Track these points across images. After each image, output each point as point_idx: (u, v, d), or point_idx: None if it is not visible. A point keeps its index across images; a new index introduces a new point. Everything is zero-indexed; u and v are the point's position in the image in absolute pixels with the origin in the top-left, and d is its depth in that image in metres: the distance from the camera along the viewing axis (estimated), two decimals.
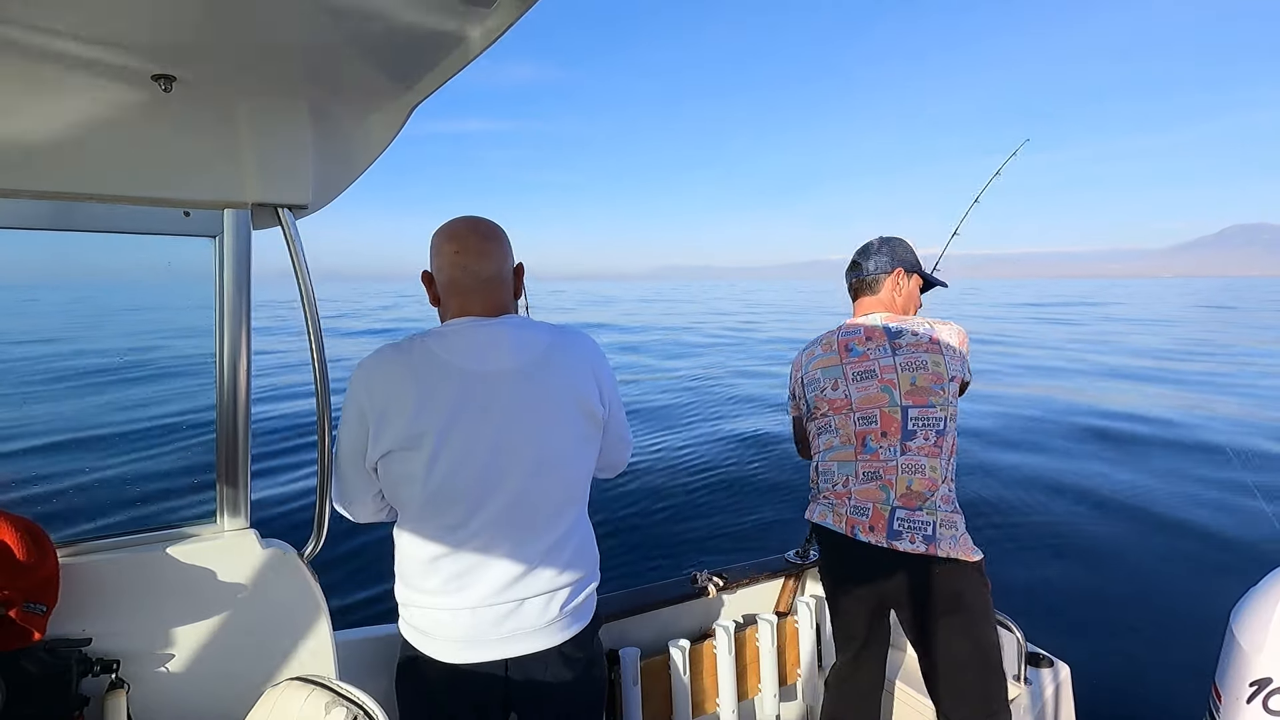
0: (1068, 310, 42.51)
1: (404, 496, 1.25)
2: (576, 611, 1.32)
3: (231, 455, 1.41)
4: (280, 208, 1.33)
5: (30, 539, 1.18)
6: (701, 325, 30.93)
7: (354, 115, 1.31)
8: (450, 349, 1.22)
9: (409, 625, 1.33)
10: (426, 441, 1.18)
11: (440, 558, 1.24)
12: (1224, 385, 11.93)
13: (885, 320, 1.86)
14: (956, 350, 1.80)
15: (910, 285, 1.93)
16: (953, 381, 1.78)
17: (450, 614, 1.25)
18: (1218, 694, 2.16)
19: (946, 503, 1.74)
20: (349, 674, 1.48)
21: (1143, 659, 3.58)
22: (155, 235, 1.29)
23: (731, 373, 14.52)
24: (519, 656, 1.27)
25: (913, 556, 1.71)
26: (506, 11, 0.89)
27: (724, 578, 2.18)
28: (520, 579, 1.24)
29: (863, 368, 1.83)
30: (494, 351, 1.22)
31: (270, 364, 13.38)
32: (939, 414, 1.76)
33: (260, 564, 1.43)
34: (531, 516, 1.25)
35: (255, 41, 0.98)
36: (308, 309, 1.37)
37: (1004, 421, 9.14)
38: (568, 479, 1.29)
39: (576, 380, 1.27)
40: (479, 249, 1.26)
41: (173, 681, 1.36)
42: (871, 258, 1.92)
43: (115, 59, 1.02)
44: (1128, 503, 5.95)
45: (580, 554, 1.33)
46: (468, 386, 1.20)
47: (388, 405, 1.19)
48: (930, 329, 1.82)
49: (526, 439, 1.22)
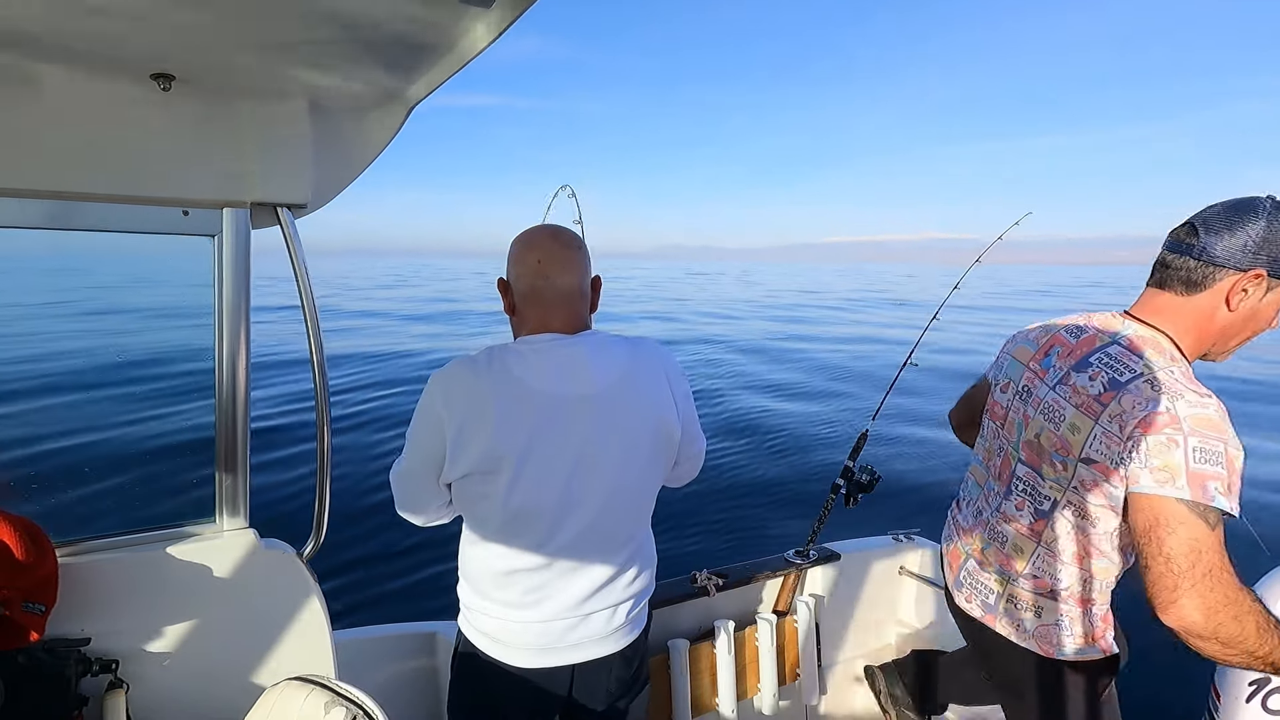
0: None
1: (480, 513, 1.26)
2: (637, 619, 1.37)
3: (231, 454, 1.41)
4: (279, 207, 1.33)
5: (29, 538, 1.18)
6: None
7: (353, 114, 1.31)
8: (530, 370, 1.18)
9: (474, 628, 1.33)
10: (506, 465, 1.16)
11: (515, 573, 1.25)
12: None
13: (1116, 337, 1.27)
14: (1138, 435, 1.13)
15: (1263, 301, 1.20)
16: (1088, 465, 1.22)
17: (522, 625, 1.27)
18: (1217, 694, 2.17)
19: (1038, 588, 1.37)
20: (348, 674, 1.48)
21: (1142, 658, 3.58)
22: (154, 235, 1.29)
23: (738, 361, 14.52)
24: (584, 662, 1.30)
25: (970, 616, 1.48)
26: (505, 11, 0.89)
27: (724, 577, 2.18)
28: (592, 595, 1.27)
29: (1032, 385, 1.38)
30: (574, 374, 1.19)
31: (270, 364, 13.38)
32: (1047, 491, 1.31)
33: (259, 564, 1.43)
34: (606, 539, 1.27)
35: (254, 41, 0.98)
36: (307, 309, 1.37)
37: None
38: (641, 502, 1.31)
39: (656, 400, 1.26)
40: (562, 259, 1.22)
41: (172, 681, 1.36)
42: (1222, 235, 1.17)
43: (115, 58, 1.02)
44: None
45: (645, 567, 1.37)
46: (547, 410, 1.17)
47: (465, 423, 1.16)
48: (1137, 381, 1.17)
49: (605, 464, 1.21)
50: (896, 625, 2.46)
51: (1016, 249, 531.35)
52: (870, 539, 2.53)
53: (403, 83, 1.17)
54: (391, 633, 1.81)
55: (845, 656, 2.37)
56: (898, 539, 2.52)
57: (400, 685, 1.77)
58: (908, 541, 2.51)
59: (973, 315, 29.91)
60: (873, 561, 2.43)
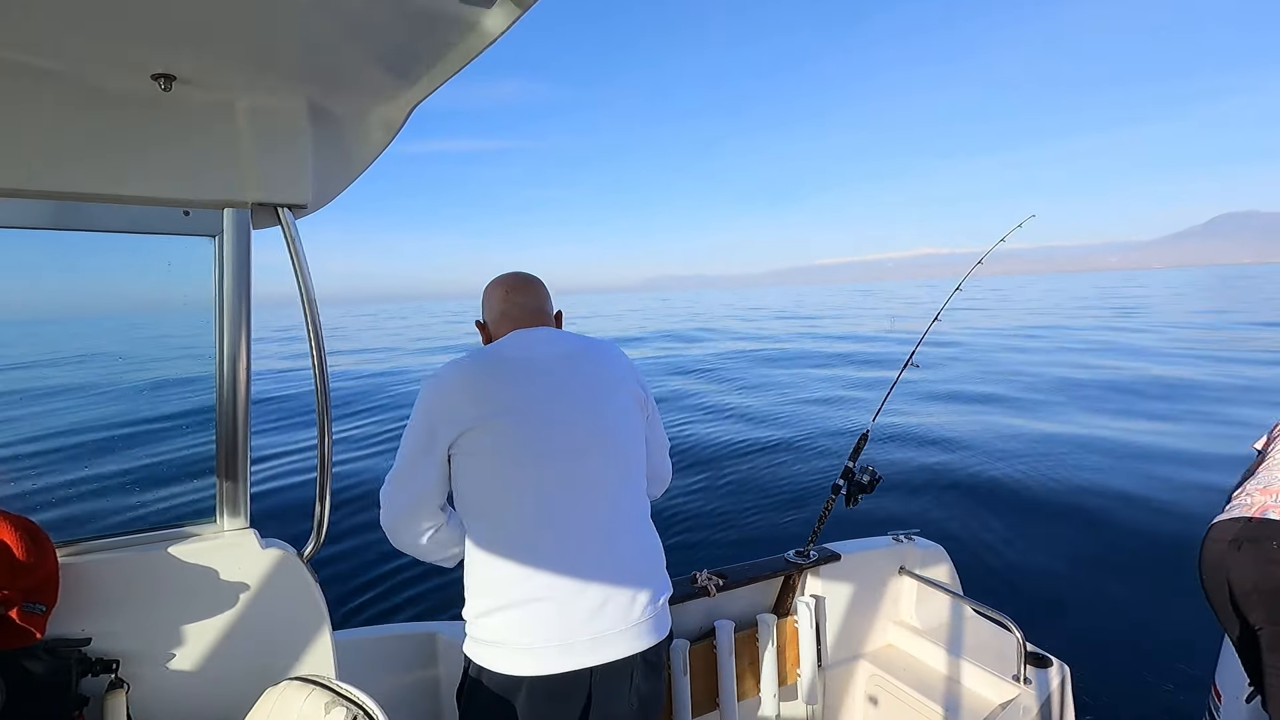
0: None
1: (483, 485, 1.27)
2: (657, 620, 1.33)
3: (231, 455, 1.41)
4: (280, 207, 1.33)
5: (30, 539, 1.18)
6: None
7: (354, 114, 1.31)
8: (508, 347, 1.37)
9: (482, 643, 1.27)
10: (500, 412, 1.27)
11: (519, 545, 1.25)
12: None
13: None
14: None
15: None
16: None
17: (536, 622, 1.22)
18: (1217, 693, 2.17)
19: None
20: (349, 674, 1.48)
21: (1143, 658, 3.57)
22: (155, 235, 1.29)
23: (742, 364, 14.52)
24: (604, 665, 1.24)
25: None
26: (506, 11, 0.89)
27: (724, 577, 2.18)
28: (602, 564, 1.26)
29: None
30: (543, 343, 1.38)
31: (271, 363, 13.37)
32: None
33: (260, 564, 1.43)
34: (600, 487, 1.30)
35: (254, 41, 0.98)
36: (308, 309, 1.37)
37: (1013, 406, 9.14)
38: (627, 451, 1.37)
39: (617, 367, 1.41)
40: (526, 287, 1.47)
41: (172, 681, 1.36)
42: None
43: (115, 58, 1.02)
44: (1129, 502, 5.95)
45: (654, 560, 1.37)
46: (526, 367, 1.33)
47: (460, 399, 1.28)
48: None
49: (586, 403, 1.33)
50: (897, 625, 2.46)
51: (1005, 260, 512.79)
52: (870, 539, 2.53)
53: (403, 83, 1.17)
54: (392, 633, 1.81)
55: (846, 657, 2.37)
56: (898, 539, 2.52)
57: (401, 685, 1.77)
58: (908, 542, 2.51)
59: (973, 316, 29.91)
60: (873, 562, 2.43)
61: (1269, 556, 1.65)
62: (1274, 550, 1.64)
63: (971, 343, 18.65)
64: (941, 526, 5.36)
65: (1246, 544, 1.69)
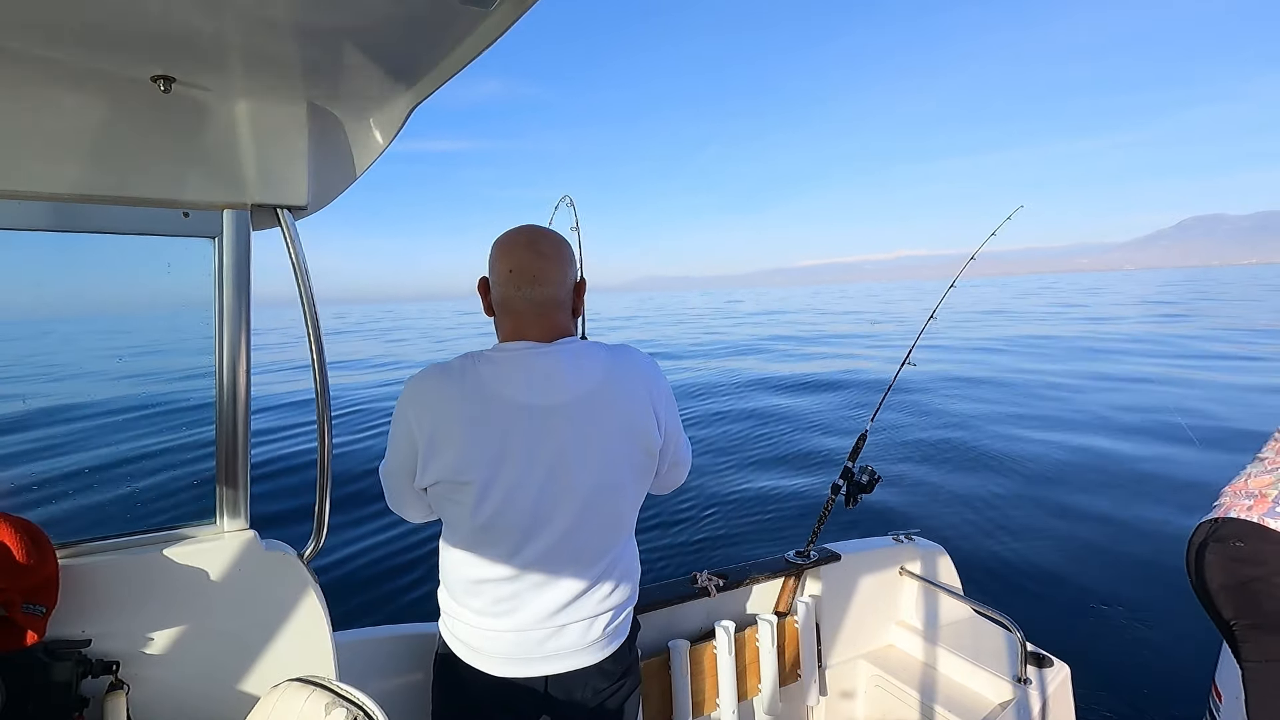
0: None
1: (452, 518, 1.26)
2: (616, 631, 1.35)
3: (231, 456, 1.41)
4: (280, 208, 1.33)
5: (30, 540, 1.18)
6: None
7: (353, 116, 1.31)
8: (502, 379, 1.16)
9: (451, 633, 1.34)
10: (476, 477, 1.15)
11: (486, 582, 1.24)
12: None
13: None
14: None
15: None
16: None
17: (494, 634, 1.27)
18: (1217, 693, 2.16)
19: None
20: (349, 674, 1.48)
21: (1143, 658, 3.58)
22: (154, 236, 1.29)
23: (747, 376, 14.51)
24: (559, 674, 1.29)
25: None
26: (505, 12, 0.89)
27: (724, 578, 2.18)
28: (565, 607, 1.26)
29: None
30: (548, 383, 1.16)
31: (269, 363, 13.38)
32: None
33: (260, 565, 1.43)
34: (580, 552, 1.25)
35: (254, 42, 0.98)
36: (307, 309, 1.37)
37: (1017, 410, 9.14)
38: (618, 513, 1.27)
39: (634, 410, 1.22)
40: (535, 270, 1.18)
41: (172, 682, 1.36)
42: None
43: (114, 59, 1.02)
44: (1129, 502, 5.95)
45: (624, 579, 1.34)
46: (519, 421, 1.15)
47: (435, 432, 1.15)
48: None
49: (579, 476, 1.18)
50: (897, 626, 2.46)
51: (984, 261, 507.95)
52: (870, 539, 2.53)
53: (403, 84, 1.17)
54: (392, 634, 1.80)
55: (845, 657, 2.37)
56: (898, 539, 2.52)
57: (401, 686, 1.77)
58: (908, 542, 2.51)
59: (972, 316, 29.87)
60: (873, 562, 2.43)
61: (1230, 554, 1.71)
62: (1235, 548, 1.70)
63: (970, 343, 18.66)
64: (941, 527, 5.37)
65: (1213, 543, 1.76)
